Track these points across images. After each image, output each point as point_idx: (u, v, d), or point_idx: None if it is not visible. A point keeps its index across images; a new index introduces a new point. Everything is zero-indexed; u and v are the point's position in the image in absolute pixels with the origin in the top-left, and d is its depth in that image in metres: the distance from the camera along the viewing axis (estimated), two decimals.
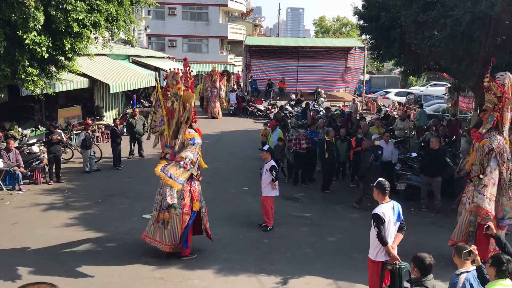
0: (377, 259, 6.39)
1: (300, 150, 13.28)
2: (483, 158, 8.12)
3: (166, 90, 8.59)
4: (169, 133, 8.55)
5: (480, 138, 8.15)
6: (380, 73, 53.72)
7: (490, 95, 8.06)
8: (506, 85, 7.99)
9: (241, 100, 28.89)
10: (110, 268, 8.17)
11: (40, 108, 17.34)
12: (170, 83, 8.47)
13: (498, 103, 8.00)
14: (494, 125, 8.10)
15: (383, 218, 6.15)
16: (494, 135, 8.05)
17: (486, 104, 8.19)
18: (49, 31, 11.71)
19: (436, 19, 11.98)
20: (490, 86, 8.01)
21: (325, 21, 69.83)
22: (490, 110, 8.12)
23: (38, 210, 11.10)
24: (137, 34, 30.14)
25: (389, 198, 6.37)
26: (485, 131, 8.16)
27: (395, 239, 6.34)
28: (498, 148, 7.94)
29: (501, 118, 8.10)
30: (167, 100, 8.55)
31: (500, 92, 7.93)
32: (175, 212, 8.26)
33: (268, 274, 8.06)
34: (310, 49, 35.50)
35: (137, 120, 16.43)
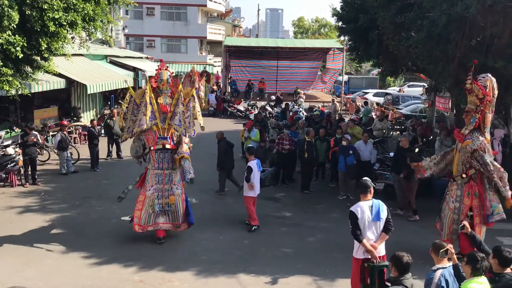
0: (357, 256, 6.53)
1: (282, 150, 13.33)
2: (466, 159, 8.27)
3: (156, 87, 9.36)
4: (160, 127, 9.31)
5: (463, 139, 8.29)
6: (359, 74, 54.22)
7: (472, 97, 8.20)
8: (487, 87, 8.14)
9: (221, 101, 28.83)
10: (89, 270, 8.06)
11: (15, 109, 17.01)
12: (165, 81, 9.33)
13: (480, 104, 8.15)
14: (476, 126, 8.25)
15: (356, 215, 6.31)
16: (476, 136, 8.20)
17: (469, 106, 8.33)
18: (24, 31, 11.48)
19: (413, 21, 12.12)
20: (472, 88, 8.14)
21: (303, 22, 70.18)
22: (472, 112, 8.26)
23: (13, 213, 10.88)
24: (114, 34, 29.79)
25: (372, 198, 6.48)
26: (467, 132, 8.29)
27: (379, 239, 6.42)
28: (480, 149, 8.10)
29: (483, 120, 8.26)
30: (158, 96, 9.30)
31: (482, 94, 8.07)
32: (178, 193, 9.33)
33: (249, 275, 8.05)
34: (290, 50, 35.71)
35: (115, 121, 16.23)
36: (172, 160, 9.40)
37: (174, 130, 9.43)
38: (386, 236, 6.48)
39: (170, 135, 9.39)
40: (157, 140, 9.32)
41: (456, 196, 8.41)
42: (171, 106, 9.36)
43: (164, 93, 9.39)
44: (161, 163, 9.36)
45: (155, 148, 9.31)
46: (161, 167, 9.36)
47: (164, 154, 9.36)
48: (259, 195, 10.46)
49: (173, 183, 9.40)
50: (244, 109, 27.92)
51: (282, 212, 11.51)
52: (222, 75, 38.25)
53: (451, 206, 8.44)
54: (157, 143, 9.31)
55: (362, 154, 12.72)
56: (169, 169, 9.40)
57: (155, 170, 9.37)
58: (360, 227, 6.33)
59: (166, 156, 9.38)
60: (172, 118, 9.40)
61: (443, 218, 8.69)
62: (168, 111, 9.35)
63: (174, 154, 9.37)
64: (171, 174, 9.40)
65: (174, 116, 9.40)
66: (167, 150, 9.35)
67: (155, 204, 9.27)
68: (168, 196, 9.31)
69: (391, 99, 30.61)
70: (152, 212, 9.25)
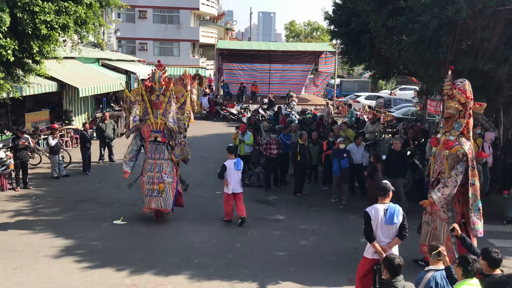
0: (366, 255, 6.65)
1: (270, 155, 13.30)
2: (455, 165, 8.03)
3: (150, 86, 10.41)
4: (153, 121, 10.38)
5: (451, 145, 8.06)
6: (351, 77, 54.44)
7: (453, 102, 8.03)
8: (467, 91, 8.04)
9: (213, 104, 28.82)
10: (81, 274, 8.01)
11: (6, 112, 16.90)
12: (157, 80, 10.29)
13: (464, 109, 8.01)
14: (465, 131, 8.09)
15: (370, 216, 6.43)
16: (463, 141, 8.04)
17: (449, 111, 8.12)
18: (15, 34, 11.44)
19: (405, 24, 12.21)
20: (454, 93, 8.01)
21: (295, 26, 70.38)
22: (454, 117, 8.09)
23: (4, 217, 10.79)
24: (107, 37, 29.70)
25: (390, 202, 6.56)
26: (453, 138, 8.07)
27: (391, 242, 6.50)
28: (470, 154, 7.97)
29: (467, 125, 8.15)
30: (151, 94, 10.38)
31: (465, 98, 7.94)
32: (168, 181, 10.41)
33: (242, 279, 8.03)
34: (282, 53, 35.80)
35: (107, 124, 16.18)
36: (164, 151, 10.50)
37: (167, 125, 10.35)
38: (399, 241, 6.55)
39: (161, 129, 10.41)
40: (150, 133, 10.45)
41: (447, 205, 8.09)
42: (163, 103, 10.34)
43: (157, 91, 10.33)
44: (153, 153, 10.53)
45: (148, 140, 10.50)
46: (153, 157, 10.52)
47: (156, 146, 10.50)
48: (252, 197, 10.47)
49: (164, 172, 10.46)
50: (236, 112, 27.94)
51: (275, 215, 11.52)
52: (215, 78, 38.26)
53: (444, 216, 8.10)
54: (150, 135, 10.45)
55: (354, 157, 12.77)
56: (160, 159, 10.49)
57: (149, 160, 10.59)
58: (372, 228, 6.43)
59: (158, 148, 10.51)
60: (164, 114, 10.33)
61: (431, 231, 8.37)
62: (160, 107, 10.33)
63: (165, 146, 10.50)
64: (162, 164, 10.49)
65: (166, 113, 10.34)
66: (158, 142, 10.47)
67: (147, 189, 10.47)
68: (158, 183, 10.37)
69: (383, 102, 30.76)
70: (147, 195, 10.52)
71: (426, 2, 11.24)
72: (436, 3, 10.96)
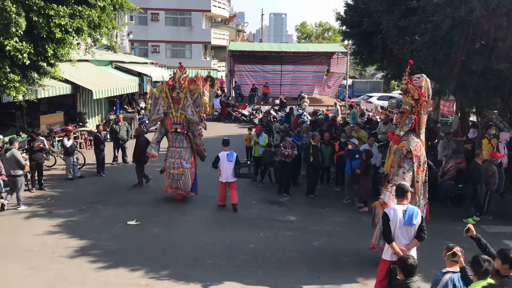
0: (384, 257, 6.65)
1: (286, 159, 13.02)
2: (401, 161, 8.14)
3: (171, 85, 11.97)
4: (174, 115, 11.97)
5: (398, 141, 8.17)
6: (363, 77, 54.20)
7: (408, 98, 8.13)
8: (422, 87, 8.10)
9: (225, 105, 28.90)
10: (95, 274, 8.10)
11: (22, 115, 17.11)
12: (177, 79, 11.86)
13: (416, 105, 8.08)
14: (412, 127, 8.18)
15: (388, 217, 6.43)
16: (412, 137, 8.12)
17: (404, 107, 8.23)
18: (31, 37, 11.60)
19: (417, 24, 12.16)
20: (408, 88, 8.08)
21: (306, 27, 70.30)
22: (408, 113, 8.17)
23: (20, 217, 10.94)
24: (119, 39, 29.95)
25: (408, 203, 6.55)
26: (403, 134, 8.18)
27: (410, 244, 6.50)
28: (416, 151, 8.02)
29: (418, 121, 8.20)
30: (172, 91, 11.91)
31: (418, 95, 8.02)
32: (186, 166, 11.95)
33: (255, 279, 8.06)
34: (293, 54, 35.75)
35: (120, 126, 16.31)
36: (183, 140, 12.11)
37: (186, 117, 11.89)
38: (418, 242, 6.54)
39: (181, 122, 11.98)
40: (172, 125, 12.07)
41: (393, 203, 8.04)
42: (182, 99, 11.87)
43: (177, 89, 11.90)
44: (174, 142, 12.15)
45: (170, 131, 12.13)
46: (174, 145, 12.15)
47: (176, 136, 12.12)
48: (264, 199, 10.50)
49: (183, 159, 12.05)
50: (248, 113, 27.99)
51: (287, 216, 11.53)
52: (227, 80, 38.33)
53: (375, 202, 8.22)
54: (172, 127, 12.08)
55: None
56: (180, 147, 12.12)
57: (170, 148, 12.23)
58: (391, 229, 6.39)
59: (178, 138, 12.12)
60: (184, 108, 11.90)
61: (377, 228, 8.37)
62: (180, 103, 11.90)
63: (184, 136, 12.08)
64: (181, 151, 12.10)
65: (185, 107, 11.89)
66: (178, 133, 12.07)
67: (170, 173, 12.11)
68: (178, 168, 11.97)
69: (395, 102, 30.57)
70: (169, 178, 12.17)
71: (439, 2, 11.19)
72: (449, 3, 10.90)
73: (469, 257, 5.13)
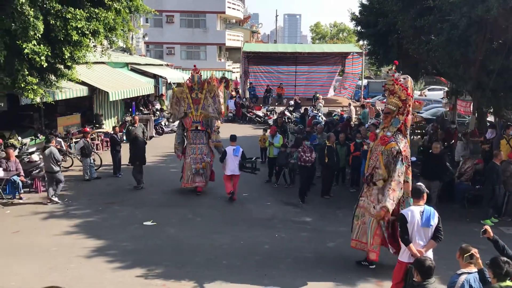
0: (401, 259, 6.59)
1: (304, 164, 12.63)
2: (390, 161, 8.03)
3: (190, 86, 12.97)
4: (194, 114, 12.94)
5: (387, 141, 8.04)
6: (378, 78, 53.84)
7: (394, 98, 8.04)
8: (409, 88, 8.04)
9: (239, 107, 28.96)
10: (112, 274, 8.18)
11: (40, 117, 17.33)
12: (196, 81, 12.93)
13: (403, 106, 8.00)
14: (402, 127, 8.12)
15: (406, 219, 6.35)
16: (400, 138, 8.04)
17: (389, 107, 8.14)
18: (48, 40, 11.76)
19: (433, 24, 12.07)
20: (395, 89, 8.01)
21: (320, 28, 70.08)
22: (393, 113, 8.08)
23: (38, 218, 11.10)
24: (135, 42, 30.22)
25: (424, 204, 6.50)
26: (390, 134, 8.07)
27: (427, 245, 6.45)
28: (405, 151, 7.96)
29: (405, 122, 8.14)
30: (191, 92, 12.91)
31: (405, 95, 7.95)
32: (207, 160, 13.04)
33: (270, 280, 8.05)
34: (308, 55, 35.67)
35: (136, 127, 16.45)
36: (202, 137, 13.08)
37: (207, 115, 12.96)
38: (434, 243, 6.49)
39: (200, 120, 12.93)
40: (192, 124, 12.99)
41: (378, 201, 7.97)
42: (201, 99, 12.88)
43: (196, 90, 12.92)
44: (194, 139, 13.07)
45: (191, 129, 13.04)
46: (194, 142, 13.07)
47: (196, 133, 13.07)
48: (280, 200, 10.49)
49: (204, 154, 13.06)
50: (263, 114, 28.01)
51: (302, 217, 11.50)
52: (241, 81, 38.41)
53: (374, 212, 7.99)
54: (192, 125, 12.99)
55: None
56: (200, 144, 13.08)
57: (191, 145, 13.09)
58: (408, 231, 6.34)
59: (198, 135, 13.07)
60: (204, 108, 12.92)
61: (360, 225, 8.36)
62: (199, 103, 12.89)
63: (203, 133, 13.06)
64: (202, 147, 13.09)
65: (206, 106, 12.92)
66: (198, 130, 13.03)
67: (192, 168, 12.90)
68: (201, 163, 12.96)
69: None
70: (190, 174, 12.95)
71: (455, 1, 11.09)
72: (466, 2, 10.80)
73: (486, 259, 5.07)
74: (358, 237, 8.44)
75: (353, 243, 8.55)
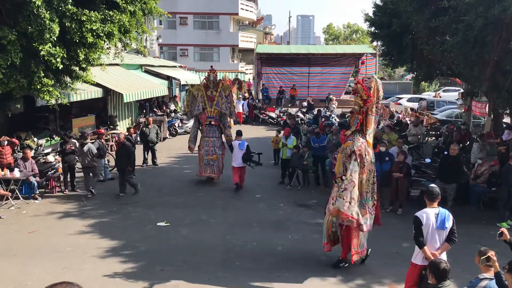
0: (415, 262, 6.52)
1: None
2: (346, 160, 8.14)
3: (206, 85, 14.20)
4: (209, 110, 14.16)
5: (345, 140, 8.21)
6: (392, 79, 53.53)
7: (357, 98, 8.14)
8: (372, 88, 8.06)
9: (252, 108, 28.98)
10: (125, 275, 8.23)
11: (55, 118, 17.54)
12: (212, 79, 14.17)
13: (363, 106, 8.08)
14: (358, 127, 8.17)
15: (421, 221, 6.29)
16: (357, 138, 8.11)
17: (354, 107, 8.28)
18: (63, 42, 11.90)
19: (448, 25, 11.95)
20: (357, 88, 8.10)
21: (333, 29, 69.88)
22: (356, 113, 8.18)
23: (53, 218, 11.23)
24: (149, 43, 30.42)
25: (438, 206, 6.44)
26: (349, 133, 8.22)
27: (441, 247, 6.39)
28: (359, 151, 7.99)
29: (365, 121, 8.17)
30: (207, 90, 14.14)
31: (366, 95, 8.01)
32: (219, 153, 14.15)
33: (283, 282, 8.04)
34: (321, 56, 35.58)
35: (150, 128, 16.55)
36: (215, 131, 14.27)
37: (220, 111, 14.10)
38: (448, 246, 6.42)
39: (214, 116, 14.16)
40: (206, 118, 14.21)
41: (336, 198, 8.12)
42: (216, 97, 14.09)
43: (211, 88, 14.13)
44: (208, 133, 14.28)
45: (205, 124, 14.27)
46: (208, 135, 14.28)
47: (210, 128, 14.26)
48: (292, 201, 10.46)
49: (216, 147, 14.19)
50: (276, 116, 27.99)
51: (316, 219, 11.44)
52: (254, 83, 38.44)
53: (331, 208, 8.21)
54: (206, 120, 14.23)
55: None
56: (213, 137, 14.26)
57: (205, 138, 14.34)
58: (423, 233, 6.30)
59: (211, 129, 14.26)
60: (218, 105, 14.11)
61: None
62: (213, 100, 14.12)
63: (216, 128, 14.26)
64: (214, 140, 14.25)
65: (220, 103, 14.11)
66: (212, 125, 14.24)
67: (204, 159, 14.14)
68: (212, 155, 14.07)
69: (425, 104, 30.11)
70: (203, 164, 14.18)
71: (471, 1, 10.97)
72: (481, 2, 10.69)
73: (503, 262, 5.00)
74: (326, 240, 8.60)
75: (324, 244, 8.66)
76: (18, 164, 12.66)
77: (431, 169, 13.34)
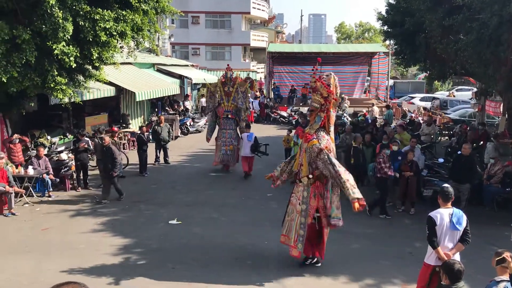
0: (428, 262, 6.47)
1: (385, 176, 11.51)
2: (313, 159, 8.05)
3: (223, 82, 15.59)
4: (226, 104, 15.48)
5: (309, 139, 8.11)
6: (405, 78, 53.18)
7: (317, 96, 8.08)
8: (331, 85, 8.02)
9: (264, 107, 28.97)
10: (137, 272, 8.27)
11: (68, 116, 17.69)
12: (229, 77, 15.56)
13: (325, 103, 8.03)
14: (322, 125, 8.13)
15: (435, 221, 6.25)
16: (322, 135, 8.07)
17: (313, 105, 8.21)
18: (77, 41, 11.98)
19: (462, 23, 11.83)
20: (317, 86, 8.04)
21: (345, 27, 69.56)
22: (317, 110, 8.11)
23: (67, 216, 11.32)
24: (161, 42, 30.56)
25: (452, 206, 6.39)
26: (313, 132, 8.14)
27: (454, 247, 6.33)
28: (327, 148, 7.97)
29: (328, 119, 8.15)
30: (224, 86, 15.49)
31: (327, 92, 7.97)
32: (234, 144, 15.43)
33: (294, 281, 8.03)
34: (333, 55, 35.43)
35: (162, 127, 16.62)
36: (232, 124, 15.55)
37: (236, 106, 15.46)
38: (462, 246, 6.36)
39: (231, 110, 15.47)
40: (223, 112, 15.52)
41: (303, 198, 8.17)
42: (232, 93, 15.41)
43: (228, 84, 15.51)
44: (225, 125, 15.61)
45: (222, 117, 15.59)
46: (225, 127, 15.59)
47: (227, 121, 15.60)
48: None
49: (232, 138, 15.51)
50: (287, 115, 27.95)
51: None
52: (266, 81, 38.42)
53: (298, 209, 8.20)
54: (223, 114, 15.54)
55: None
56: (229, 129, 15.58)
57: (222, 130, 15.64)
58: (437, 234, 6.25)
59: (228, 122, 15.59)
60: (234, 100, 15.45)
61: (289, 222, 8.45)
62: (230, 95, 15.42)
63: (233, 121, 15.55)
64: (231, 132, 15.57)
65: (236, 99, 15.46)
66: (229, 118, 15.55)
67: (222, 149, 15.42)
68: (229, 145, 15.39)
69: (438, 103, 29.86)
70: (220, 154, 15.45)
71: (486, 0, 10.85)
72: (496, 0, 10.55)
73: None
74: (286, 233, 8.52)
75: (282, 238, 8.60)
76: (32, 162, 12.79)
77: (444, 169, 13.23)
